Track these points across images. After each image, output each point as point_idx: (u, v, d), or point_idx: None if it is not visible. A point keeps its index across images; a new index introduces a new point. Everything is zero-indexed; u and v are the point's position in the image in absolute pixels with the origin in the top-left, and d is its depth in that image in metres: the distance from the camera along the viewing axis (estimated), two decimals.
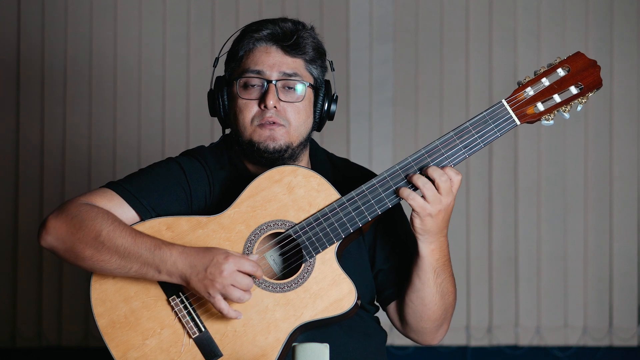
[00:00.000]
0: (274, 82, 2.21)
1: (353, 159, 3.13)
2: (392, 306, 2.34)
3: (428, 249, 2.18)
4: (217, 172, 2.28)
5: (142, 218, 2.20)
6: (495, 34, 4.23)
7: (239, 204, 2.17)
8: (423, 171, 2.13)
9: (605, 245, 4.20)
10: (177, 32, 4.19)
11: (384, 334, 2.36)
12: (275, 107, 2.21)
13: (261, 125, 2.22)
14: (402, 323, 2.33)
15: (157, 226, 2.17)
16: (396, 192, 2.14)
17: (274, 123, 2.22)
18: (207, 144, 2.39)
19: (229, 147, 2.32)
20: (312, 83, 2.26)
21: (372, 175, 2.36)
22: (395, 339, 4.13)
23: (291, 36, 2.24)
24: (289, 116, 2.23)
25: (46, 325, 4.12)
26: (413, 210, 2.13)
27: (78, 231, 2.14)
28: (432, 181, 2.11)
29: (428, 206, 2.12)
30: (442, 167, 2.13)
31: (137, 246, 2.12)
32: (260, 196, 2.17)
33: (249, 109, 2.23)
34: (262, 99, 2.22)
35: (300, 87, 2.24)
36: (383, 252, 2.32)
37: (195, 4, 4.20)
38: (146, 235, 2.14)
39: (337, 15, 4.19)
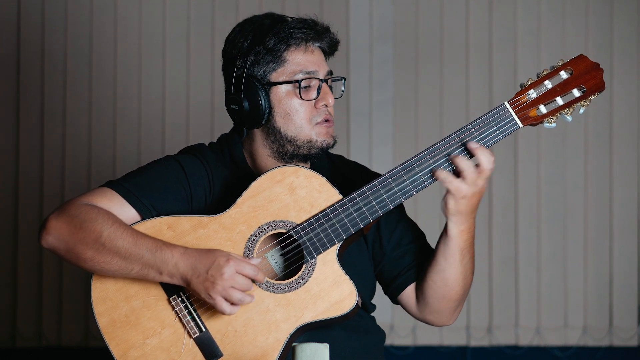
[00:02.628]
0: (323, 80, 2.26)
1: (353, 159, 3.11)
2: (408, 291, 2.33)
3: (458, 229, 2.18)
4: (218, 170, 2.28)
5: (143, 217, 2.20)
6: (495, 34, 4.23)
7: (240, 204, 2.17)
8: (467, 147, 2.12)
9: (605, 245, 4.21)
10: (177, 32, 4.19)
11: (382, 333, 2.37)
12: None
13: (320, 124, 2.25)
14: (420, 305, 2.32)
15: (158, 225, 2.17)
16: (432, 174, 2.13)
17: (329, 120, 2.27)
18: (206, 144, 2.39)
19: (231, 146, 2.32)
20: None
21: (368, 172, 2.37)
22: (395, 339, 4.13)
23: (328, 37, 2.28)
24: (333, 112, 2.29)
25: (46, 325, 4.12)
26: (448, 192, 2.13)
27: (79, 232, 2.14)
28: (478, 165, 2.11)
29: (465, 188, 2.12)
30: (481, 148, 2.12)
31: (138, 247, 2.12)
32: (262, 196, 2.17)
33: (307, 109, 2.25)
34: (319, 98, 2.24)
35: (343, 84, 2.32)
36: (392, 240, 2.32)
37: (195, 4, 4.20)
38: (147, 236, 2.15)
39: (337, 15, 4.19)
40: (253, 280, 2.12)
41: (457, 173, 2.13)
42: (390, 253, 2.32)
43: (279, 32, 2.23)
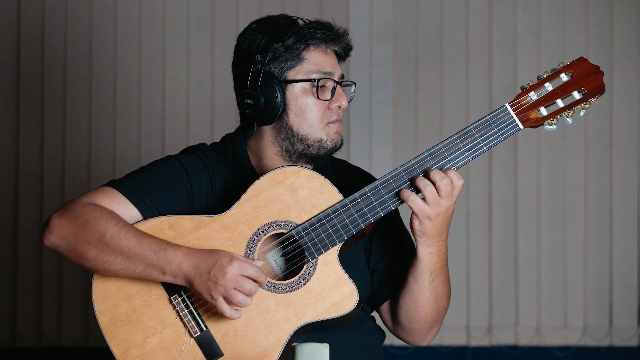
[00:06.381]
0: (338, 82, 2.28)
1: (353, 160, 3.11)
2: (385, 306, 2.35)
3: (426, 252, 2.19)
4: (219, 170, 2.29)
5: (145, 216, 2.20)
6: (495, 34, 4.23)
7: (241, 204, 2.17)
8: (425, 174, 2.13)
9: (605, 245, 4.20)
10: (177, 32, 4.19)
11: (382, 333, 2.38)
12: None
13: (330, 124, 2.27)
14: (394, 323, 2.35)
15: (160, 225, 2.18)
16: (397, 194, 2.14)
17: (339, 120, 2.29)
18: (208, 143, 2.39)
19: (234, 146, 2.32)
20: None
21: (371, 178, 2.37)
22: (395, 338, 4.10)
23: (345, 41, 2.30)
24: (342, 115, 2.31)
25: (46, 325, 4.12)
26: (412, 212, 2.14)
27: (82, 231, 2.14)
28: (433, 184, 2.12)
29: (427, 208, 2.12)
30: (445, 170, 2.13)
31: (142, 247, 2.13)
32: (263, 196, 2.17)
33: (320, 108, 2.26)
34: (334, 99, 2.27)
35: (353, 89, 2.33)
36: (378, 252, 2.33)
37: (195, 4, 4.20)
38: (150, 236, 2.15)
39: (337, 15, 4.19)
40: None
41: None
42: (376, 264, 2.33)
43: (298, 31, 2.25)
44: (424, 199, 2.13)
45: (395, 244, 2.34)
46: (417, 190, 2.14)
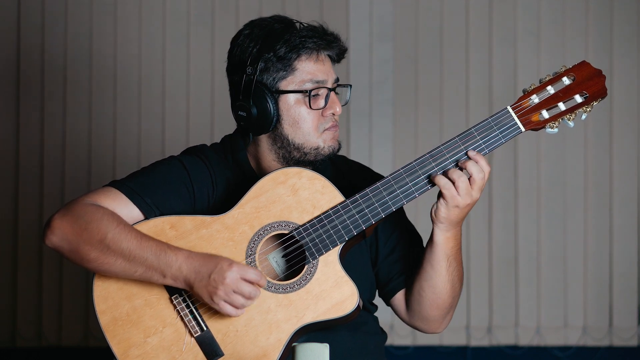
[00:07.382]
0: (331, 89, 2.26)
1: (353, 160, 3.08)
2: (398, 296, 2.35)
3: (444, 236, 2.19)
4: (221, 171, 2.29)
5: (147, 216, 2.20)
6: (495, 34, 4.23)
7: (243, 205, 2.17)
8: (460, 163, 2.13)
9: (605, 245, 4.21)
10: (177, 32, 4.19)
11: (384, 334, 2.38)
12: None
13: (326, 131, 2.26)
14: (410, 312, 2.34)
15: (161, 225, 2.18)
16: (429, 180, 2.14)
17: (335, 126, 2.28)
18: (207, 144, 2.39)
19: (234, 149, 2.32)
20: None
21: (371, 172, 2.38)
22: (396, 338, 4.13)
23: (338, 46, 2.28)
24: (338, 118, 2.29)
25: (46, 325, 4.12)
26: (443, 198, 2.14)
27: (84, 232, 2.14)
28: (470, 175, 2.13)
29: (459, 197, 2.13)
30: (476, 157, 2.13)
31: (143, 250, 2.13)
32: (265, 197, 2.17)
33: (314, 117, 2.25)
34: (327, 107, 2.25)
35: (349, 91, 2.31)
36: (387, 244, 2.33)
37: (195, 4, 4.20)
38: (152, 238, 2.15)
39: (337, 15, 4.19)
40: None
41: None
42: (385, 258, 2.33)
43: (289, 40, 2.23)
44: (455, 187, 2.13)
45: (402, 238, 2.35)
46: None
